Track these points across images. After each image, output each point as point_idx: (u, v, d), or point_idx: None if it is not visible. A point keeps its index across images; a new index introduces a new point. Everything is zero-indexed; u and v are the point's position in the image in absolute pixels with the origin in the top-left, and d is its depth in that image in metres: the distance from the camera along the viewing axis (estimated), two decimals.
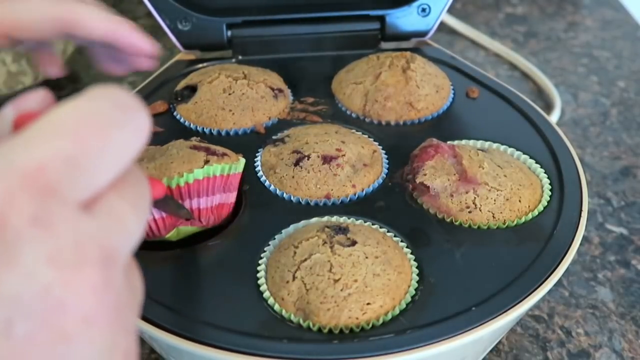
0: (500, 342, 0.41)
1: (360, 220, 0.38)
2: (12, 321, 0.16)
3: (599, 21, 0.79)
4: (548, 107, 0.63)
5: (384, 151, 0.43)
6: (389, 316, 0.32)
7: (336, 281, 0.32)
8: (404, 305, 0.33)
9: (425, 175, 0.39)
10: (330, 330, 0.31)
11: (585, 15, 0.80)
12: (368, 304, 0.32)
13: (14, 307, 0.16)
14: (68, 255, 0.17)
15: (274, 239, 0.37)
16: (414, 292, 0.33)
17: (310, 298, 0.32)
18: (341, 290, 0.32)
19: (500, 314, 0.32)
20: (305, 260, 0.33)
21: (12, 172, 0.16)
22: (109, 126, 0.18)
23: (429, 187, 0.39)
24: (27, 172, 0.17)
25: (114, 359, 0.18)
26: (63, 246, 0.17)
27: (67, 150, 0.17)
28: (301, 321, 0.32)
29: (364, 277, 0.32)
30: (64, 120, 0.18)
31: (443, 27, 0.75)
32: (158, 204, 0.31)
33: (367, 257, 0.33)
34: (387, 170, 0.42)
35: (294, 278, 0.33)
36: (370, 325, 0.31)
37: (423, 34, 0.55)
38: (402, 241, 0.36)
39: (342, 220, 0.37)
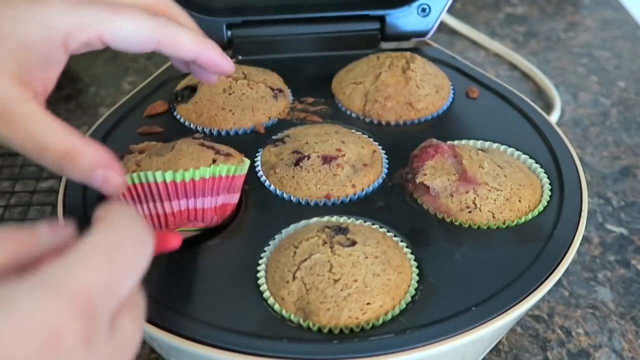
0: (500, 342, 0.41)
1: (360, 220, 0.38)
2: None
3: (598, 21, 0.79)
4: (548, 107, 0.63)
5: (384, 151, 0.43)
6: (389, 316, 0.32)
7: (336, 281, 0.32)
8: (404, 305, 0.33)
9: (425, 175, 0.39)
10: (330, 330, 0.31)
11: (585, 15, 0.80)
12: (368, 303, 0.32)
13: None
14: None
15: (274, 239, 0.37)
16: (414, 292, 0.33)
17: (310, 298, 0.32)
18: (341, 290, 0.32)
19: (500, 314, 0.32)
20: (305, 260, 0.33)
21: (66, 293, 0.19)
22: (131, 256, 0.22)
23: (429, 187, 0.39)
24: (77, 295, 0.19)
25: None
26: None
27: (104, 275, 0.21)
28: (301, 321, 0.32)
29: (363, 277, 0.32)
30: (98, 248, 0.21)
31: (443, 27, 0.75)
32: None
33: (367, 257, 0.33)
34: (387, 170, 0.42)
35: (294, 278, 0.33)
36: (370, 325, 0.31)
37: (423, 34, 0.55)
38: (402, 241, 0.36)
39: (342, 220, 0.37)
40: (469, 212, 0.38)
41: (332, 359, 0.30)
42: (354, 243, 0.34)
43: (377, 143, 0.44)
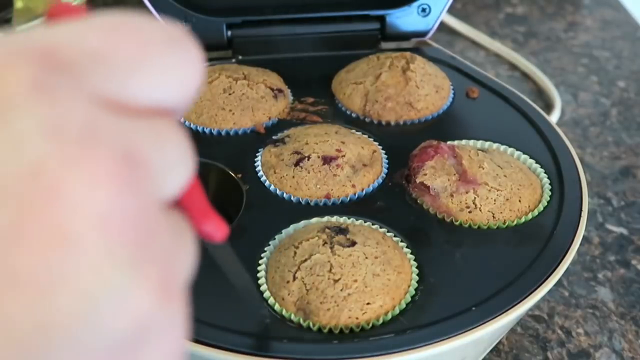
0: (500, 342, 0.41)
1: (360, 221, 0.38)
2: None
3: (599, 21, 0.79)
4: (548, 107, 0.63)
5: (384, 151, 0.43)
6: (389, 316, 0.32)
7: (336, 281, 0.32)
8: (404, 305, 0.33)
9: (425, 175, 0.39)
10: (330, 330, 0.31)
11: (585, 15, 0.80)
12: (368, 303, 0.32)
13: None
14: (74, 130, 0.12)
15: (274, 239, 0.37)
16: (413, 292, 0.33)
17: (311, 298, 0.32)
18: (341, 290, 0.32)
19: (500, 314, 0.32)
20: (306, 260, 0.33)
21: (18, 41, 0.13)
22: (150, 40, 0.14)
23: (429, 187, 0.39)
24: (37, 47, 0.13)
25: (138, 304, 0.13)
26: (68, 119, 0.12)
27: (92, 43, 0.14)
28: (301, 321, 0.32)
29: (363, 277, 0.32)
30: (99, 20, 0.14)
31: (443, 27, 0.75)
32: (218, 250, 0.25)
33: (366, 258, 0.33)
34: (387, 170, 0.42)
35: (294, 278, 0.33)
36: (370, 325, 0.31)
37: (423, 34, 0.55)
38: (401, 241, 0.36)
39: (342, 220, 0.37)
40: (469, 212, 0.38)
41: (332, 359, 0.30)
42: (353, 243, 0.34)
43: (377, 143, 0.44)
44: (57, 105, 0.12)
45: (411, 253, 0.36)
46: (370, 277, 0.32)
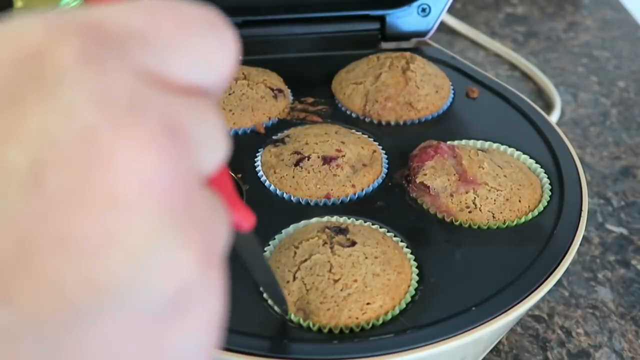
0: (500, 342, 0.41)
1: (360, 220, 0.38)
2: (43, 167, 0.12)
3: (599, 21, 0.79)
4: (548, 107, 0.63)
5: (383, 151, 0.43)
6: (389, 316, 0.32)
7: (336, 281, 0.32)
8: (404, 305, 0.33)
9: (425, 175, 0.39)
10: (330, 330, 0.31)
11: (585, 15, 0.80)
12: (368, 303, 0.32)
13: (45, 147, 0.12)
14: (122, 98, 0.13)
15: (274, 239, 0.37)
16: (413, 292, 0.33)
17: (311, 298, 0.32)
18: (341, 290, 0.32)
19: (500, 314, 0.32)
20: (306, 260, 0.33)
21: (66, 18, 0.13)
22: (189, 21, 0.15)
23: (429, 187, 0.39)
24: (85, 22, 0.13)
25: (183, 268, 0.13)
26: (116, 89, 0.13)
27: (136, 21, 0.14)
28: (301, 321, 0.32)
29: (363, 277, 0.32)
30: (140, 2, 0.15)
31: (443, 27, 0.75)
32: (240, 239, 0.24)
33: (366, 258, 0.33)
34: (387, 170, 0.42)
35: (294, 278, 0.33)
36: (370, 325, 0.31)
37: (423, 34, 0.55)
38: (401, 241, 0.36)
39: (342, 220, 0.37)
40: (469, 212, 0.38)
41: (332, 359, 0.30)
42: (353, 243, 0.34)
43: (377, 143, 0.44)
44: (106, 76, 0.13)
45: (411, 253, 0.36)
46: (370, 277, 0.32)
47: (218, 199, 0.16)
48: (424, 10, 0.54)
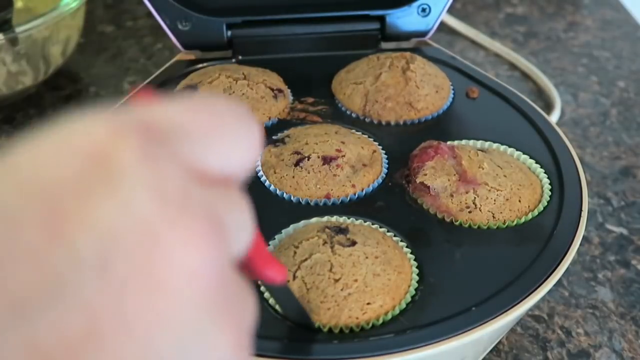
0: (500, 342, 0.41)
1: (360, 220, 0.38)
2: (109, 257, 0.13)
3: (599, 21, 0.79)
4: (548, 107, 0.63)
5: (383, 151, 0.43)
6: (389, 316, 0.32)
7: (336, 281, 0.32)
8: (404, 305, 0.33)
9: (425, 175, 0.39)
10: (330, 330, 0.31)
11: (585, 15, 0.80)
12: (368, 303, 0.32)
13: (110, 238, 0.14)
14: (176, 198, 0.15)
15: (274, 239, 0.37)
16: (414, 292, 0.33)
17: (311, 297, 0.32)
18: (341, 289, 0.32)
19: (500, 314, 0.32)
20: (306, 260, 0.33)
21: (120, 119, 0.15)
22: (224, 120, 0.17)
23: (429, 187, 0.39)
24: (139, 120, 0.15)
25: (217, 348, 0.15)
26: (171, 188, 0.15)
27: (179, 118, 0.16)
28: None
29: (364, 277, 0.32)
30: (178, 101, 0.17)
31: (443, 27, 0.75)
32: (278, 291, 0.29)
33: (367, 257, 0.33)
34: (387, 170, 0.42)
35: (294, 277, 0.33)
36: (370, 325, 0.31)
37: (423, 34, 0.55)
38: (401, 241, 0.36)
39: (342, 220, 0.37)
40: (469, 212, 0.38)
41: (332, 359, 0.30)
42: (354, 243, 0.34)
43: (377, 143, 0.44)
44: (160, 173, 0.15)
45: (411, 253, 0.36)
46: (370, 277, 0.32)
47: (244, 280, 0.18)
48: (424, 10, 0.54)
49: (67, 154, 0.14)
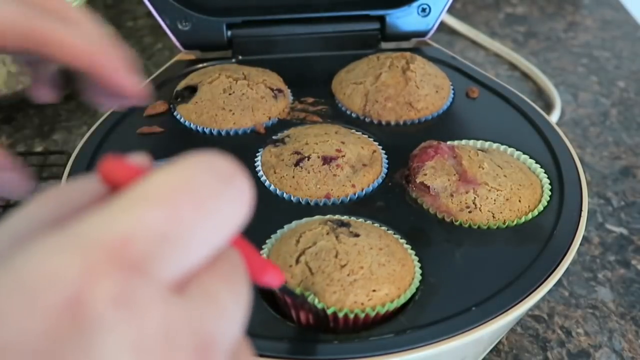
0: (500, 342, 0.41)
1: (360, 220, 0.38)
2: None
3: (599, 21, 0.79)
4: (548, 107, 0.63)
5: (383, 151, 0.43)
6: (395, 304, 0.32)
7: (342, 266, 0.32)
8: (409, 295, 0.33)
9: (425, 175, 0.39)
10: (334, 313, 0.31)
11: (585, 15, 0.80)
12: (374, 290, 0.32)
13: None
14: (157, 344, 0.14)
15: (276, 232, 0.37)
16: (418, 283, 0.33)
17: (316, 280, 0.32)
18: (348, 275, 0.32)
19: (500, 314, 0.32)
20: (310, 247, 0.33)
21: (93, 245, 0.14)
22: (207, 197, 0.16)
23: (429, 187, 0.39)
24: (111, 245, 0.14)
25: None
26: (150, 333, 0.14)
27: (158, 222, 0.15)
28: (305, 293, 0.31)
29: (369, 265, 0.32)
30: (157, 188, 0.15)
31: (443, 27, 0.75)
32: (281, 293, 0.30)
33: (371, 248, 0.33)
34: (387, 170, 0.42)
35: (297, 262, 0.33)
36: (375, 312, 0.31)
37: (423, 34, 0.55)
38: (401, 238, 0.36)
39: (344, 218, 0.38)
40: (469, 212, 0.38)
41: (332, 358, 0.30)
42: (357, 235, 0.34)
43: (377, 143, 0.44)
44: (139, 319, 0.14)
45: (412, 248, 0.36)
46: (376, 265, 0.32)
47: None
48: (424, 10, 0.54)
49: (32, 313, 0.13)
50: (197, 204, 0.16)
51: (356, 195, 0.40)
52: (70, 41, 0.26)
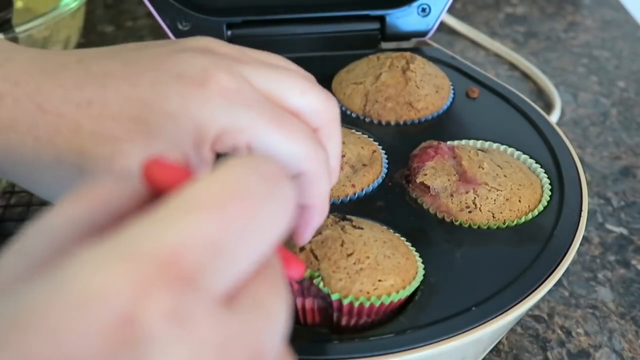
0: (500, 342, 0.41)
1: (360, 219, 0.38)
2: None
3: (599, 21, 0.79)
4: (548, 107, 0.63)
5: (383, 151, 0.43)
6: (399, 294, 0.32)
7: (349, 255, 0.32)
8: (415, 286, 0.33)
9: (425, 175, 0.39)
10: (339, 299, 0.31)
11: (585, 15, 0.80)
12: (380, 280, 0.32)
13: None
14: None
15: None
16: (422, 277, 0.33)
17: (322, 266, 0.32)
18: (354, 263, 0.32)
19: (500, 314, 0.32)
20: (315, 236, 0.33)
21: (143, 258, 0.14)
22: (257, 203, 0.15)
23: (429, 187, 0.39)
24: (162, 258, 0.14)
25: None
26: (204, 350, 0.14)
27: (209, 232, 0.14)
28: (313, 273, 0.32)
29: (375, 256, 0.32)
30: (205, 195, 0.15)
31: (443, 27, 0.75)
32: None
33: (376, 240, 0.33)
34: (387, 170, 0.42)
35: (301, 249, 0.33)
36: (380, 302, 0.31)
37: (423, 34, 0.55)
38: (401, 237, 0.36)
39: None
40: (469, 212, 0.38)
41: (332, 358, 0.30)
42: (361, 228, 0.34)
43: (377, 143, 0.44)
44: (192, 336, 0.14)
45: (412, 245, 0.36)
46: (381, 257, 0.32)
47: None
48: (424, 10, 0.54)
49: (85, 329, 0.13)
50: (247, 211, 0.15)
51: (356, 195, 0.40)
52: (322, 194, 0.27)
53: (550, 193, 0.40)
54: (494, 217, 0.38)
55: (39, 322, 0.13)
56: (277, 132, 0.25)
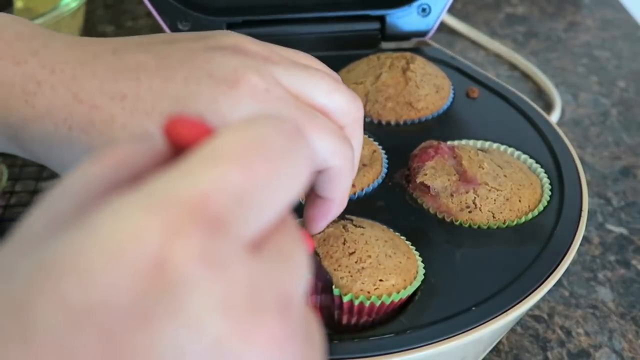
0: (500, 342, 0.41)
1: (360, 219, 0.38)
2: None
3: (599, 21, 0.79)
4: (548, 107, 0.63)
5: (383, 151, 0.43)
6: (400, 294, 0.32)
7: (351, 254, 0.32)
8: (416, 285, 0.33)
9: (425, 175, 0.39)
10: (340, 296, 0.31)
11: (585, 15, 0.80)
12: (381, 280, 0.32)
13: None
14: (243, 302, 0.14)
15: None
16: (423, 276, 0.34)
17: (324, 264, 0.32)
18: (356, 262, 0.32)
19: (500, 314, 0.32)
20: (318, 234, 0.33)
21: (173, 203, 0.14)
22: (279, 156, 0.16)
23: (429, 187, 0.39)
24: (192, 201, 0.14)
25: None
26: (236, 291, 0.14)
27: (235, 181, 0.15)
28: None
29: (377, 255, 0.32)
30: (230, 147, 0.15)
31: (443, 27, 0.75)
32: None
33: (377, 240, 0.33)
34: (387, 170, 0.42)
35: None
36: (380, 301, 0.31)
37: (423, 34, 0.55)
38: (401, 237, 0.37)
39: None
40: (469, 212, 0.38)
41: (332, 358, 0.30)
42: (362, 227, 0.34)
43: (377, 143, 0.44)
44: (224, 277, 0.14)
45: (412, 244, 0.36)
46: (383, 256, 0.33)
47: (312, 321, 0.17)
48: (424, 10, 0.54)
49: (118, 272, 0.13)
50: (270, 163, 0.16)
51: (356, 195, 0.40)
52: (345, 186, 0.29)
53: (550, 193, 0.40)
54: (494, 217, 0.38)
55: (73, 269, 0.13)
56: (306, 130, 0.26)
